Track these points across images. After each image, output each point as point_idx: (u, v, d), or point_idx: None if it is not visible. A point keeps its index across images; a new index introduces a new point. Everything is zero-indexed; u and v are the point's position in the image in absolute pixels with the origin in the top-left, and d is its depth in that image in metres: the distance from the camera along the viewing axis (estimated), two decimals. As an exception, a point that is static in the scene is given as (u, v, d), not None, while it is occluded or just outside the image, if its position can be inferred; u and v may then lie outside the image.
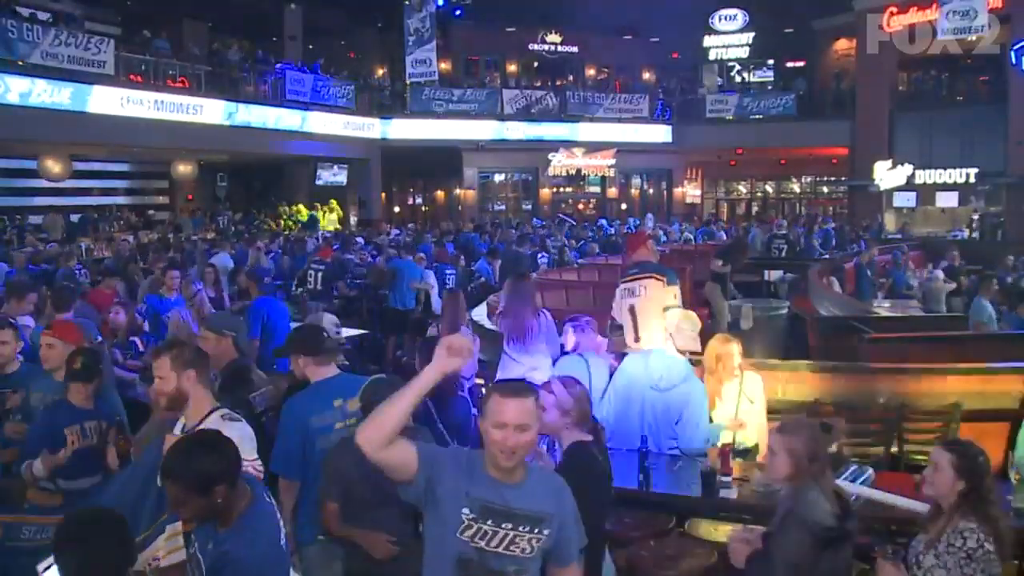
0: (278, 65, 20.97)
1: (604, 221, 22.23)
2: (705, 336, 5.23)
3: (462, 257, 13.62)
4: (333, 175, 23.42)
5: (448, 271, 11.56)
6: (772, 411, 4.96)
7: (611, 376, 4.87)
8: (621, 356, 5.02)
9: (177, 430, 3.18)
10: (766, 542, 3.12)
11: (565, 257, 14.54)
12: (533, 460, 2.73)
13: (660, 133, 25.90)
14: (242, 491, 2.54)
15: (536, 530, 2.48)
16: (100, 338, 5.61)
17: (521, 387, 2.59)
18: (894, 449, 5.45)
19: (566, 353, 5.14)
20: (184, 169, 20.25)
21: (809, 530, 2.94)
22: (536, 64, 28.30)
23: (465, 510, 2.46)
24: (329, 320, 4.52)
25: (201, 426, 3.10)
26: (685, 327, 4.92)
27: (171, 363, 3.17)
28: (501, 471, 2.48)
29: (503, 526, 2.46)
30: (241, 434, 3.12)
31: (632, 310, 5.30)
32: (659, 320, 5.56)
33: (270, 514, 2.63)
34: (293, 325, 5.87)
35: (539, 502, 2.51)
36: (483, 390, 5.72)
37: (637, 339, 4.93)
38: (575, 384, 3.35)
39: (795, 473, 3.07)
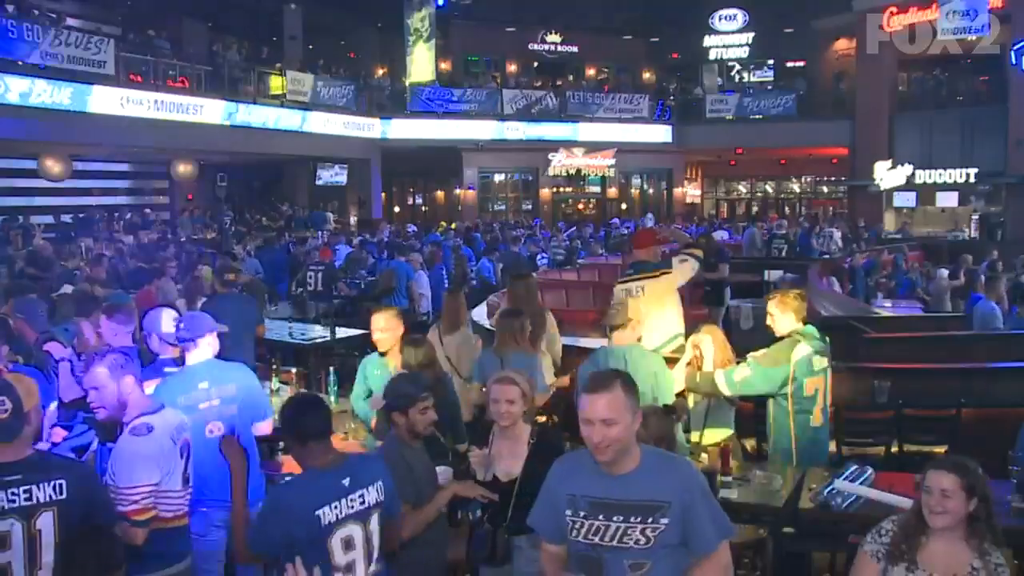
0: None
1: (617, 221, 22.33)
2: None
3: (467, 260, 13.61)
4: (333, 175, 23.43)
5: (442, 271, 11.52)
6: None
7: None
8: None
9: None
10: None
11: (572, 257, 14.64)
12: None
13: (660, 133, 25.89)
14: None
15: (650, 519, 2.39)
16: None
17: (605, 381, 2.48)
18: (894, 449, 5.46)
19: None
20: (184, 169, 20.25)
21: None
22: (536, 64, 28.30)
23: (568, 511, 2.47)
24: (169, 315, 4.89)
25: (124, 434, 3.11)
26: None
27: (109, 373, 3.14)
28: (605, 465, 2.44)
29: (614, 519, 2.42)
30: (135, 451, 3.01)
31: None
32: (659, 319, 5.57)
33: None
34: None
35: (652, 491, 2.41)
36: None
37: (638, 338, 4.94)
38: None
39: None
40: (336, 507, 2.75)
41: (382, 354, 4.76)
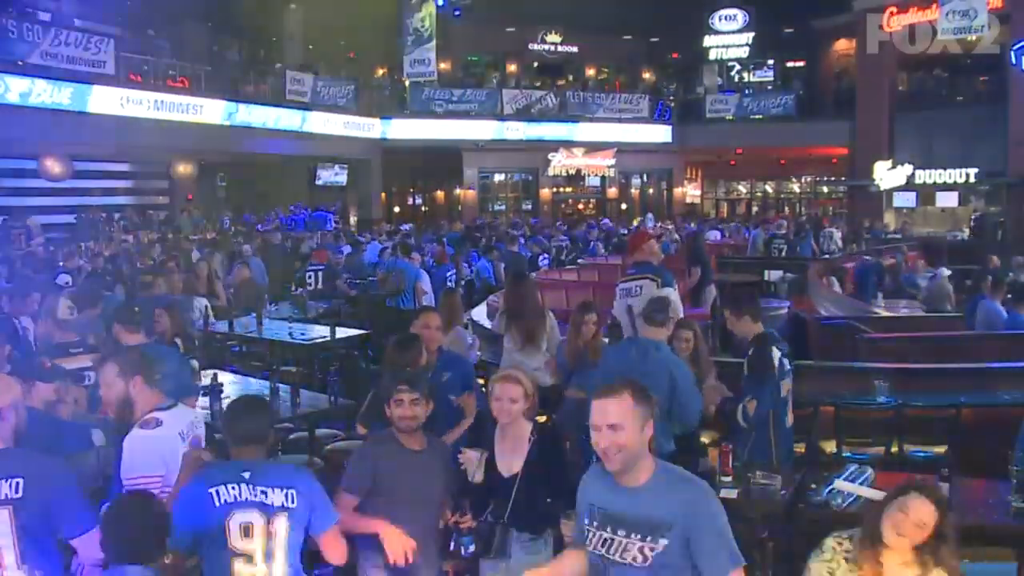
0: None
1: (607, 221, 22.31)
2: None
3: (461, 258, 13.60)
4: (333, 175, 23.44)
5: (448, 272, 11.52)
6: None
7: None
8: None
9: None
10: None
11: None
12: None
13: (660, 133, 25.89)
14: None
15: (649, 538, 2.32)
16: None
17: (615, 386, 2.44)
18: (894, 449, 5.46)
19: None
20: (184, 169, 20.28)
21: None
22: (536, 64, 28.30)
23: (586, 520, 2.45)
24: (64, 303, 5.11)
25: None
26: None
27: (118, 370, 3.17)
28: (617, 475, 2.38)
29: (619, 532, 2.37)
30: (142, 443, 3.06)
31: (630, 310, 5.39)
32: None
33: None
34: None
35: (656, 508, 2.33)
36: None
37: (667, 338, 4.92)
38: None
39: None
40: (233, 488, 2.76)
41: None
